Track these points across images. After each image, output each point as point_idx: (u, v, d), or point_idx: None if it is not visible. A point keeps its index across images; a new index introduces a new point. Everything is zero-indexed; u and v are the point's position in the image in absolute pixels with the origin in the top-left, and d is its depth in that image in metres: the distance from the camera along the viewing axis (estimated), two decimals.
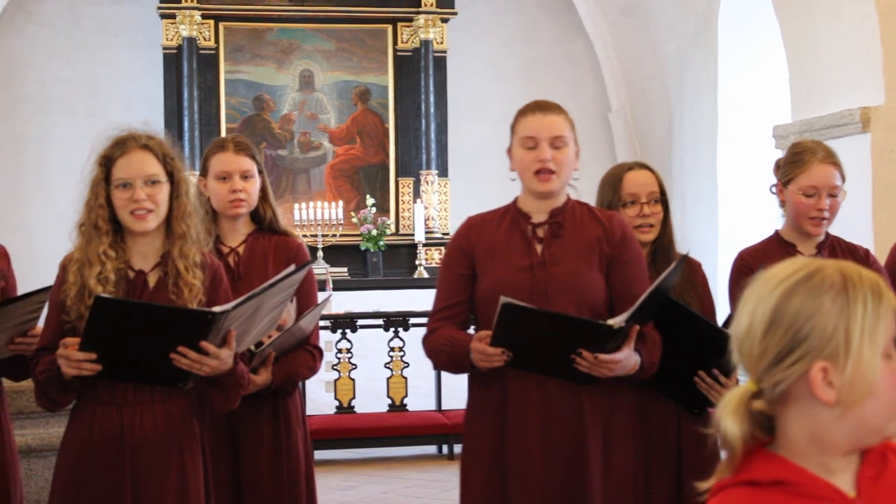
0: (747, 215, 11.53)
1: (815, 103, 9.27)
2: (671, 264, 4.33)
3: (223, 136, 8.30)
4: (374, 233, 13.24)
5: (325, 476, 8.60)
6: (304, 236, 10.49)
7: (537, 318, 3.73)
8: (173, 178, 3.77)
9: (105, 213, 3.71)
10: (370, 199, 13.40)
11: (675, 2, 12.98)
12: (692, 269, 4.52)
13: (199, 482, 3.77)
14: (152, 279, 3.74)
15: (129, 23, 13.77)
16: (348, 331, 10.27)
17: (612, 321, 3.76)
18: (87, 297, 3.61)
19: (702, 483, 1.95)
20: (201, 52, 13.20)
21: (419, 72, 13.57)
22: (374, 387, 10.38)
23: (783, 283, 1.91)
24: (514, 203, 4.16)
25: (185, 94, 13.05)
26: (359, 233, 13.29)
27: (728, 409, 1.92)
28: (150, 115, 12.16)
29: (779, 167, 4.62)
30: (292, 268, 3.79)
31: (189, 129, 12.95)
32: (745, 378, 4.44)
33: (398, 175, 13.68)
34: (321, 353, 4.59)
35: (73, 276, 3.68)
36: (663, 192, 4.47)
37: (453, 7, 13.68)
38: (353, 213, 13.37)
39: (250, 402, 4.13)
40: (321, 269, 12.22)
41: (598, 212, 4.15)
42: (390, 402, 10.29)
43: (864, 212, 8.05)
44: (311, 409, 9.10)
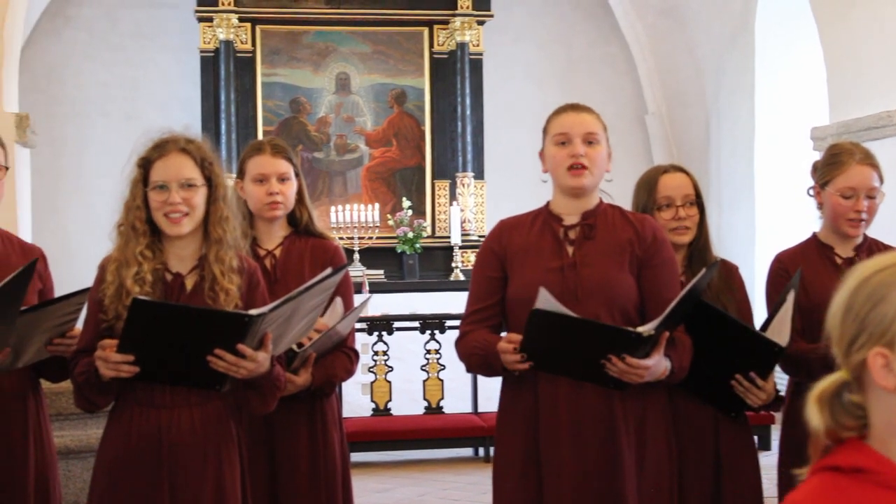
0: (785, 218, 11.48)
1: (853, 105, 9.23)
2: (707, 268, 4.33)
3: (260, 138, 8.32)
4: (410, 235, 13.26)
5: (361, 478, 8.61)
6: (341, 239, 10.51)
7: (566, 324, 3.72)
8: (211, 182, 3.77)
9: (142, 215, 3.73)
10: (406, 202, 13.42)
11: (711, 3, 12.93)
12: (729, 272, 4.51)
13: (237, 484, 3.78)
14: (189, 282, 3.76)
15: (167, 26, 13.84)
16: (384, 333, 10.28)
17: (641, 329, 3.75)
18: (125, 296, 3.62)
19: (798, 469, 1.98)
20: (238, 55, 13.25)
21: (455, 74, 13.58)
22: (411, 389, 10.37)
23: (868, 272, 1.95)
24: (546, 206, 4.16)
25: (222, 97, 13.10)
26: (395, 235, 13.31)
27: (811, 398, 1.94)
28: (187, 118, 12.21)
29: (816, 169, 4.60)
30: (329, 271, 3.78)
31: (226, 132, 13.00)
32: (782, 380, 4.44)
33: (434, 177, 13.69)
34: (357, 355, 4.59)
35: (112, 276, 3.70)
36: (699, 195, 4.45)
37: (489, 9, 13.68)
38: (389, 216, 13.39)
39: (287, 404, 4.13)
40: (357, 271, 12.24)
41: (631, 215, 4.14)
42: (426, 404, 10.29)
43: None
44: (347, 412, 9.12)
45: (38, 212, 11.13)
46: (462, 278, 12.75)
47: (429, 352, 10.27)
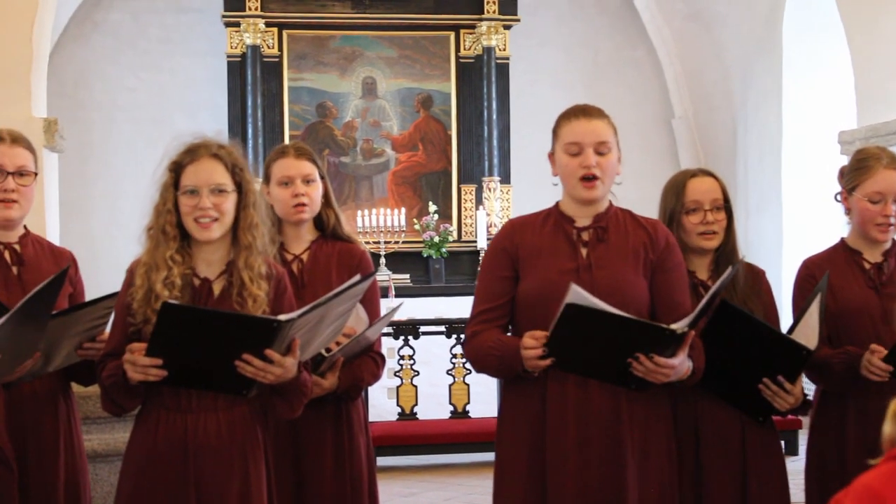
0: (812, 222, 11.45)
1: (882, 109, 9.20)
2: (735, 273, 4.31)
3: (284, 143, 8.34)
4: (436, 239, 13.26)
5: (386, 483, 8.61)
6: (367, 243, 10.53)
7: (600, 319, 3.70)
8: (241, 188, 3.78)
9: (173, 219, 3.73)
10: (432, 206, 13.42)
11: (739, 7, 12.90)
12: (756, 276, 4.49)
13: (262, 489, 3.78)
14: (217, 287, 3.76)
15: (194, 31, 13.89)
16: (410, 337, 10.27)
17: (675, 326, 3.74)
18: (154, 300, 3.63)
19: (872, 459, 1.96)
20: (265, 59, 13.28)
21: (482, 79, 13.58)
22: (437, 393, 10.37)
23: None
24: (556, 207, 4.14)
25: (249, 102, 13.13)
26: (421, 239, 13.32)
27: (890, 413, 1.92)
28: (214, 123, 12.26)
29: (843, 175, 4.59)
30: (357, 277, 3.78)
31: (253, 137, 13.03)
32: (810, 384, 4.41)
33: (460, 182, 13.70)
34: (384, 359, 4.60)
35: (141, 279, 3.70)
36: (727, 200, 4.44)
37: (516, 14, 13.67)
38: (415, 220, 13.40)
39: (313, 408, 4.13)
40: (384, 275, 12.25)
41: (642, 219, 4.13)
42: (452, 408, 10.28)
43: None
44: (373, 416, 9.13)
45: (65, 216, 11.16)
46: None
47: (455, 356, 10.26)
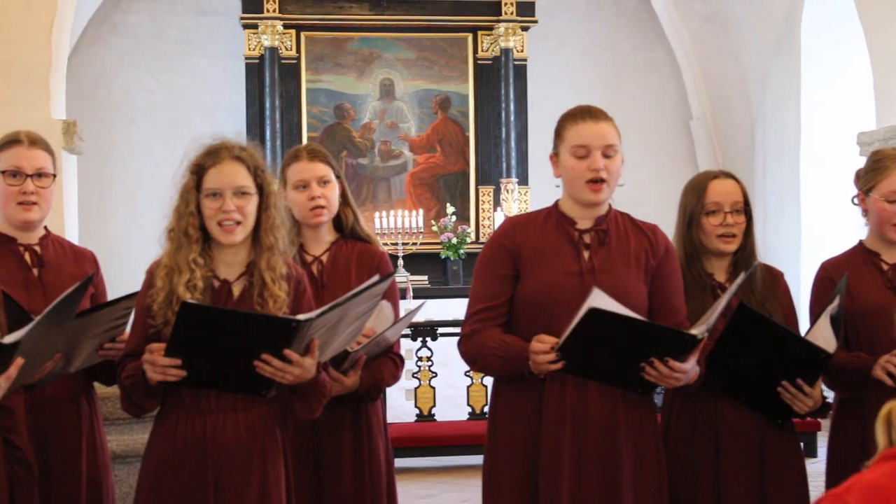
0: (831, 224, 11.40)
1: None
2: (753, 276, 4.31)
3: (297, 146, 8.34)
4: (454, 241, 13.26)
5: (404, 484, 8.61)
6: (385, 244, 10.53)
7: (622, 324, 3.71)
8: (263, 190, 3.79)
9: (195, 221, 3.73)
10: (450, 208, 13.43)
11: (757, 8, 12.88)
12: (774, 278, 4.48)
13: (281, 490, 3.78)
14: (237, 289, 3.76)
15: (212, 33, 13.92)
16: (429, 339, 10.28)
17: (694, 331, 3.74)
18: (175, 303, 3.62)
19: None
20: (283, 61, 13.30)
21: (499, 80, 13.58)
22: (454, 395, 10.37)
23: None
24: (555, 207, 4.12)
25: (267, 104, 13.15)
26: (439, 241, 13.32)
27: (880, 419, 1.92)
28: (232, 125, 12.29)
29: (859, 177, 4.58)
30: (376, 278, 3.78)
31: (271, 139, 13.05)
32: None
33: (478, 183, 13.70)
34: (403, 361, 4.59)
35: (162, 282, 3.70)
36: (747, 202, 4.43)
37: (534, 15, 13.67)
38: (433, 222, 13.40)
39: (332, 410, 4.13)
40: (402, 277, 12.25)
41: (641, 223, 4.13)
42: (470, 410, 10.28)
43: None
44: (391, 417, 9.13)
45: (84, 218, 11.19)
46: None
47: None
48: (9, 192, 4.23)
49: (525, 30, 13.66)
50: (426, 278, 13.14)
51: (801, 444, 4.49)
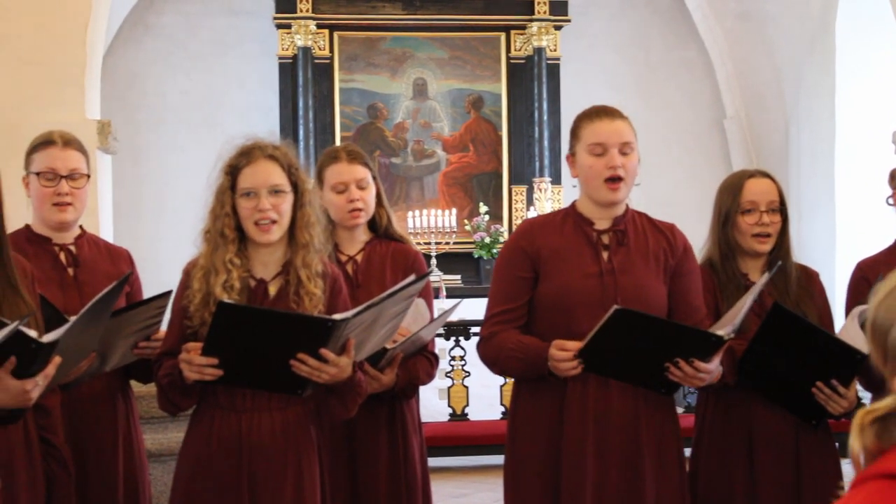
0: (866, 223, 11.35)
1: None
2: (787, 276, 4.30)
3: (334, 146, 8.34)
4: (487, 240, 13.26)
5: (438, 483, 8.60)
6: (418, 244, 10.53)
7: (648, 325, 3.71)
8: (297, 188, 3.79)
9: (231, 222, 3.74)
10: (483, 207, 13.43)
11: (791, 6, 12.82)
12: (809, 279, 4.46)
13: (316, 489, 3.79)
14: (273, 288, 3.78)
15: (245, 34, 13.96)
16: (462, 338, 10.28)
17: (721, 332, 3.74)
18: (212, 303, 3.63)
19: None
20: (316, 61, 13.33)
21: (532, 79, 13.58)
22: (488, 394, 10.36)
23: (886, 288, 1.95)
24: (572, 208, 4.11)
25: (301, 104, 13.19)
26: (472, 240, 13.32)
27: (854, 427, 1.91)
28: (265, 125, 12.31)
29: (893, 177, 4.56)
30: (412, 278, 3.78)
31: (304, 138, 13.08)
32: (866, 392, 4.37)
33: (511, 182, 13.70)
34: (437, 359, 4.59)
35: (199, 283, 3.72)
36: (783, 202, 4.41)
37: (567, 14, 13.66)
38: (466, 221, 13.41)
39: (368, 408, 4.13)
40: (435, 276, 12.25)
41: (659, 222, 4.12)
42: (503, 409, 10.27)
43: None
44: (424, 417, 9.12)
45: (118, 217, 11.24)
46: None
47: None
48: (44, 193, 4.24)
49: (558, 29, 13.65)
50: (459, 278, 13.15)
51: (836, 445, 4.46)
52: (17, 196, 3.80)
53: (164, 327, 4.12)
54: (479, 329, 9.57)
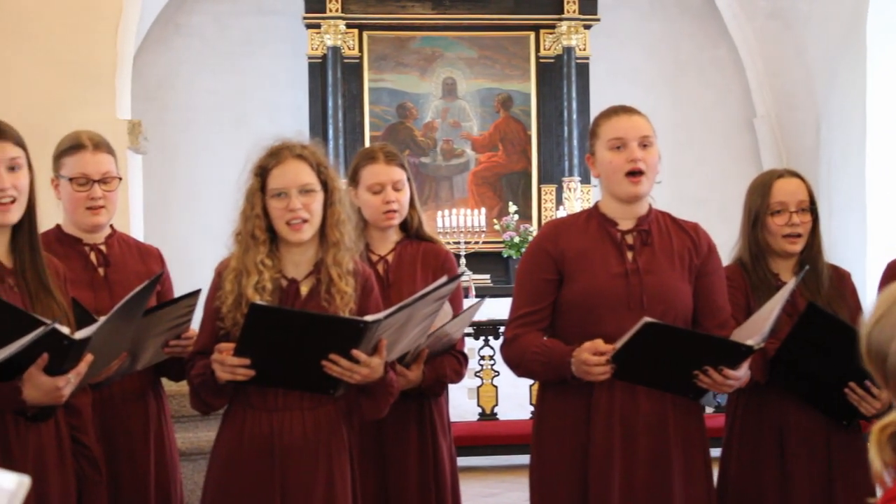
0: None
1: None
2: (819, 276, 4.28)
3: (370, 145, 8.34)
4: (516, 240, 13.26)
5: (467, 483, 8.59)
6: (447, 243, 10.53)
7: (678, 337, 3.71)
8: (327, 186, 3.80)
9: (262, 223, 3.75)
10: (512, 206, 13.42)
11: (822, 5, 12.77)
12: (841, 279, 4.45)
13: (347, 488, 3.79)
14: (304, 288, 3.78)
15: (275, 33, 13.99)
16: (491, 338, 10.28)
17: (751, 342, 3.73)
18: (244, 305, 3.65)
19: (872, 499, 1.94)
20: (345, 60, 13.35)
21: (562, 78, 13.56)
22: (517, 394, 10.36)
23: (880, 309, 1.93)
24: (596, 208, 4.10)
25: (330, 103, 13.21)
26: (501, 240, 13.32)
27: (873, 440, 1.90)
28: (295, 125, 12.33)
29: None
30: (444, 279, 3.78)
31: (333, 138, 13.10)
32: None
33: (541, 182, 13.68)
34: (467, 359, 4.59)
35: (230, 285, 3.73)
36: (813, 201, 4.39)
37: (596, 13, 13.64)
38: (495, 221, 13.40)
39: (397, 407, 4.13)
40: (464, 276, 12.25)
41: (682, 222, 4.11)
42: (533, 409, 10.24)
43: None
44: (453, 416, 9.13)
45: (149, 217, 11.28)
46: None
47: None
48: (77, 198, 4.25)
49: (587, 28, 13.63)
50: (488, 277, 13.15)
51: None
52: (44, 196, 3.80)
53: (193, 326, 4.14)
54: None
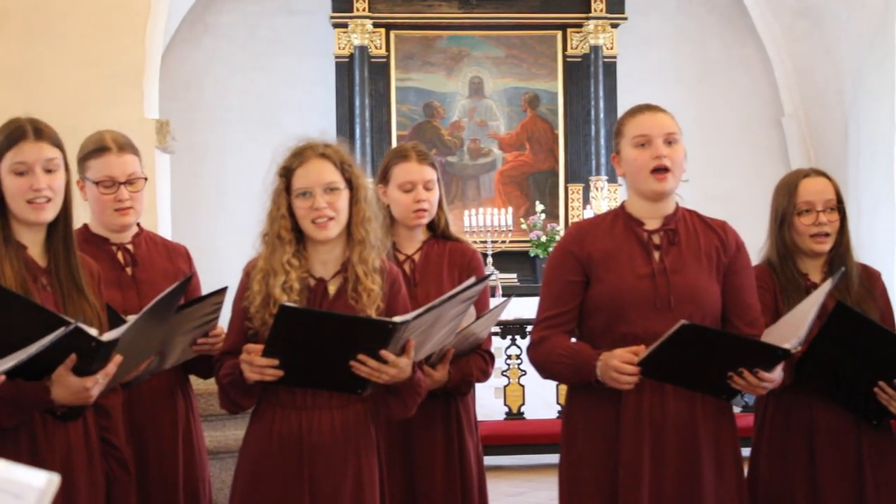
0: None
1: None
2: (849, 276, 4.26)
3: (402, 144, 8.35)
4: (543, 239, 13.25)
5: (494, 482, 8.60)
6: (474, 242, 10.55)
7: (714, 339, 3.70)
8: (352, 184, 3.81)
9: (287, 224, 3.77)
10: (539, 206, 13.42)
11: (850, 3, 12.72)
12: (871, 278, 4.42)
13: (375, 487, 3.80)
14: (332, 287, 3.79)
15: (303, 33, 14.03)
16: (518, 337, 10.28)
17: (788, 345, 3.72)
18: (272, 305, 3.66)
19: None
20: (373, 60, 13.37)
21: (589, 77, 13.55)
22: (544, 393, 10.35)
23: None
24: (622, 209, 4.09)
25: (357, 102, 13.23)
26: (528, 239, 13.32)
27: None
28: (322, 124, 12.39)
29: None
30: (472, 280, 3.79)
31: (360, 137, 13.12)
32: None
33: (567, 181, 13.68)
34: (493, 358, 4.59)
35: (258, 286, 3.74)
36: (840, 200, 4.37)
37: (623, 12, 13.63)
38: (522, 220, 13.40)
39: (424, 406, 4.13)
40: (491, 276, 12.26)
41: (710, 220, 4.09)
42: (559, 408, 10.25)
43: None
44: (480, 415, 9.13)
45: (177, 216, 11.32)
46: None
47: None
48: (104, 200, 4.26)
49: (615, 27, 13.62)
50: (515, 276, 13.14)
51: None
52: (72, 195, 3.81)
53: (220, 323, 4.15)
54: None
